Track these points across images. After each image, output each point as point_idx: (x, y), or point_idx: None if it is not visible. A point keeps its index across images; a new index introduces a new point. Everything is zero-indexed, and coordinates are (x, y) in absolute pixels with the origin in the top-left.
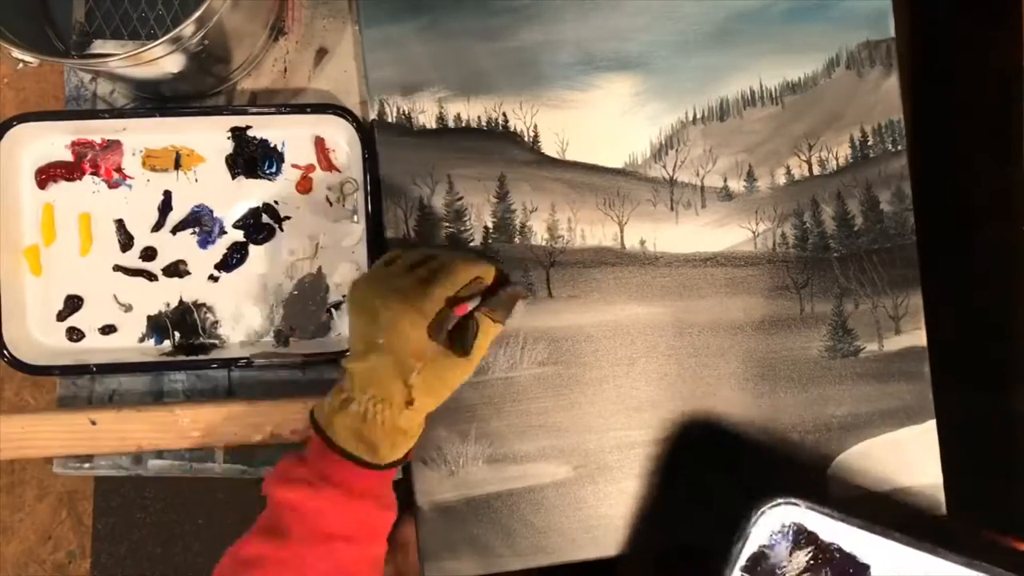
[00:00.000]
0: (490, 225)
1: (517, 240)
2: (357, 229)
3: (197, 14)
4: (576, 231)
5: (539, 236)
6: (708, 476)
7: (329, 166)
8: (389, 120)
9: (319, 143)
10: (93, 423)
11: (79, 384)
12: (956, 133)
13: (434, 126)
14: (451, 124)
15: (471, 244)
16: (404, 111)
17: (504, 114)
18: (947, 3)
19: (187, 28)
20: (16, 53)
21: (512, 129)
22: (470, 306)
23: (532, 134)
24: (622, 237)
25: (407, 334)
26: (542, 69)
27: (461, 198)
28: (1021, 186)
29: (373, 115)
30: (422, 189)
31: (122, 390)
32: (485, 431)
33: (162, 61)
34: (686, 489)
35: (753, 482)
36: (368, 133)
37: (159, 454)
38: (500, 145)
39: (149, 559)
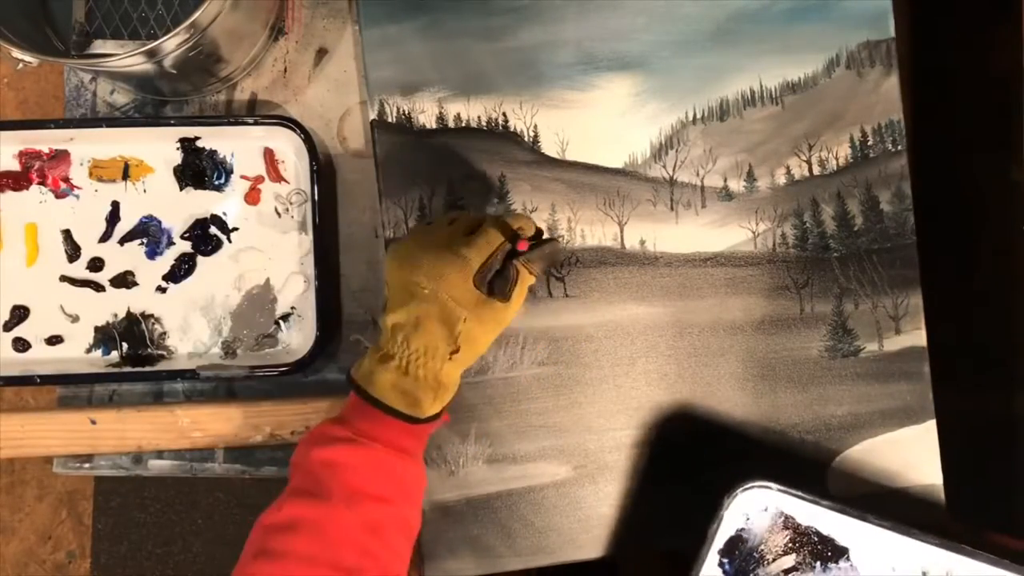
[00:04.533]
0: None
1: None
2: (305, 240)
3: (197, 14)
4: (576, 231)
5: None
6: (708, 476)
7: (278, 177)
8: (389, 120)
9: (268, 154)
10: (93, 423)
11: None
12: (956, 133)
13: (434, 126)
14: (451, 124)
15: None
16: (404, 111)
17: (504, 114)
18: (947, 3)
19: (187, 28)
20: (16, 53)
21: (512, 129)
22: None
23: (532, 134)
24: (622, 237)
25: (455, 282)
26: (542, 69)
27: (461, 198)
28: (1021, 186)
29: (373, 115)
30: (422, 189)
31: (122, 390)
32: (485, 431)
33: (162, 61)
34: (686, 489)
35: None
36: (315, 145)
37: (159, 454)
38: (500, 145)
39: (149, 559)
